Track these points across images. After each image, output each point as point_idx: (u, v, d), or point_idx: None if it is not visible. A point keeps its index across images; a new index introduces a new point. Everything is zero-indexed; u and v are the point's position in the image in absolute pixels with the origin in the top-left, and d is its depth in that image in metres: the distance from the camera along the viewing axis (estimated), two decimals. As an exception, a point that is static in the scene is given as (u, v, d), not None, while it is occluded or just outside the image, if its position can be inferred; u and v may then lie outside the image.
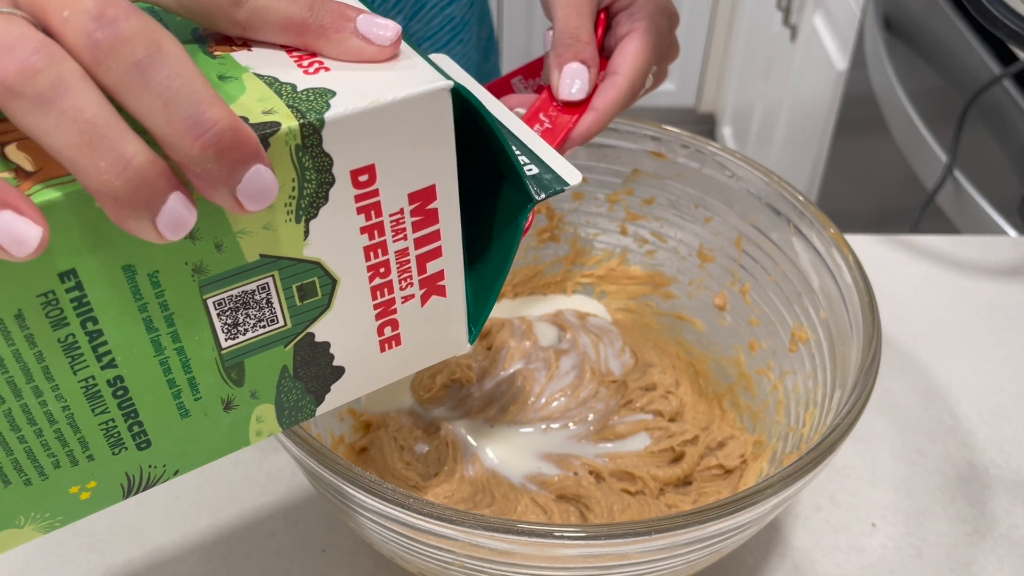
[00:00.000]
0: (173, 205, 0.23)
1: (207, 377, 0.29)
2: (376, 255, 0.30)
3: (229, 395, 0.30)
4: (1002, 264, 0.67)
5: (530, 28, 1.96)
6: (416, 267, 0.31)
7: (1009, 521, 0.50)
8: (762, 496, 0.34)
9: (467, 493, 0.46)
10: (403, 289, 0.31)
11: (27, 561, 0.46)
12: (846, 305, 0.43)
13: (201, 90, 0.23)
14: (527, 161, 0.33)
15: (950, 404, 0.57)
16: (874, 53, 1.22)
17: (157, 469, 0.30)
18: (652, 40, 0.43)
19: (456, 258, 0.32)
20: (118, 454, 0.29)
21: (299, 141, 0.26)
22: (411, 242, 0.30)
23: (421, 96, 0.27)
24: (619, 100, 0.42)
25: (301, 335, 0.30)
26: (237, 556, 0.47)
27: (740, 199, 0.50)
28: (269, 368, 0.30)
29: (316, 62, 0.28)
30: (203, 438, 0.31)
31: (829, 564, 0.48)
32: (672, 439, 0.49)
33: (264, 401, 0.31)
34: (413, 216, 0.30)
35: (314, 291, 0.29)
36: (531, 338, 0.54)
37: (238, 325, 0.29)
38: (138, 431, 0.29)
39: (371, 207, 0.29)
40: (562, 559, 0.35)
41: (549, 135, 0.42)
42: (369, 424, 0.50)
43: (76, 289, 0.25)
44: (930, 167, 1.05)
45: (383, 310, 0.31)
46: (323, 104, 0.26)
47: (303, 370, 0.31)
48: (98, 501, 0.30)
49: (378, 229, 0.29)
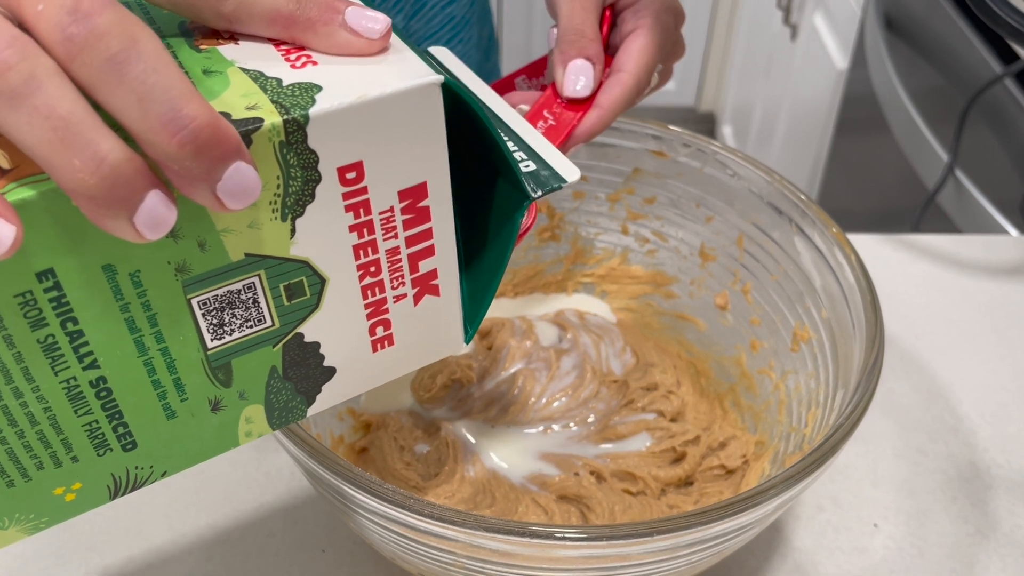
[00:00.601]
0: (151, 203, 0.23)
1: (193, 378, 0.29)
2: (366, 254, 0.29)
3: (216, 396, 0.30)
4: (1004, 263, 0.67)
5: (530, 28, 1.96)
6: (408, 266, 0.31)
7: (1011, 521, 0.50)
8: (764, 497, 0.34)
9: (468, 494, 0.46)
10: (395, 288, 0.31)
11: (25, 561, 0.46)
12: (848, 304, 0.43)
13: (178, 85, 0.22)
14: (525, 158, 0.33)
15: (952, 404, 0.56)
16: (875, 52, 1.22)
17: (144, 470, 0.30)
18: (658, 38, 0.42)
19: (450, 257, 0.31)
20: (103, 455, 0.29)
21: (283, 138, 0.25)
22: (402, 240, 0.30)
23: (410, 91, 0.27)
24: (624, 97, 0.42)
25: (290, 335, 0.30)
26: (236, 556, 0.47)
27: (741, 198, 0.50)
28: (257, 369, 0.30)
29: (304, 56, 0.27)
30: (190, 439, 0.30)
31: (831, 565, 0.47)
32: (673, 439, 0.49)
33: (253, 402, 0.31)
34: (404, 214, 0.29)
35: (302, 291, 0.29)
36: (532, 338, 0.54)
37: (224, 325, 0.28)
38: (123, 432, 0.29)
39: (360, 205, 0.28)
40: (563, 560, 0.34)
41: (553, 132, 0.41)
42: (369, 424, 0.50)
43: (54, 289, 0.25)
44: (931, 166, 1.05)
45: (374, 310, 0.31)
46: (308, 99, 0.26)
47: (293, 370, 0.31)
48: (84, 502, 0.30)
49: (368, 227, 0.29)
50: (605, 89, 0.42)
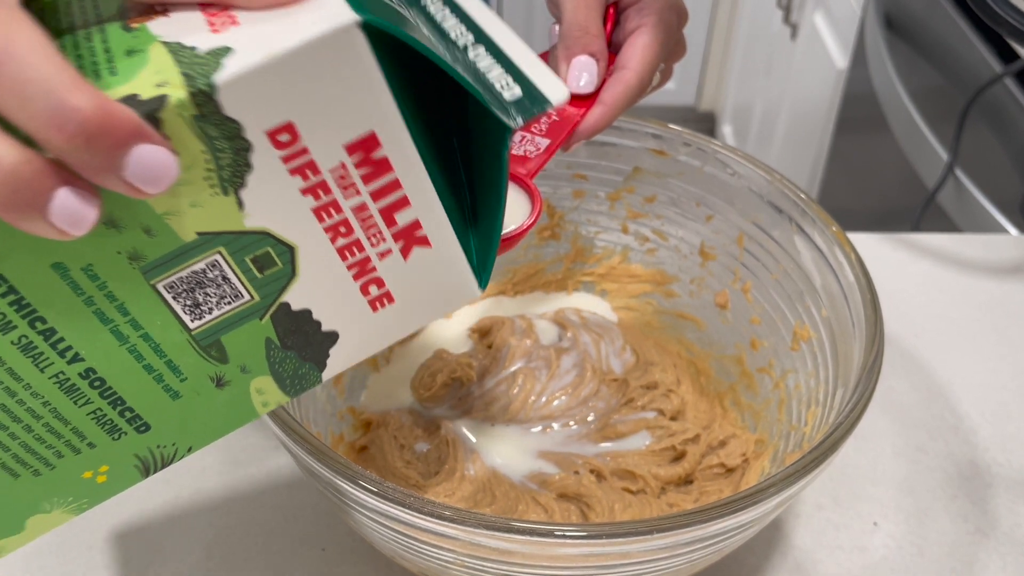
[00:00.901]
0: (62, 201, 0.22)
1: (186, 359, 0.29)
2: (329, 215, 0.28)
3: (217, 373, 0.29)
4: (1004, 262, 0.67)
5: (530, 27, 1.96)
6: (383, 221, 0.29)
7: (1011, 520, 0.50)
8: (764, 495, 0.34)
9: (468, 492, 0.46)
10: (375, 246, 0.29)
11: (27, 560, 0.46)
12: (848, 303, 0.43)
13: (58, 79, 0.21)
14: (510, 82, 0.29)
15: (952, 402, 0.56)
16: (875, 51, 1.22)
17: (168, 448, 0.30)
18: (661, 36, 0.42)
19: (429, 205, 0.29)
20: (119, 439, 0.29)
21: (195, 111, 0.24)
22: (367, 196, 0.28)
23: (322, 39, 0.24)
24: (627, 95, 0.42)
25: (274, 306, 0.29)
26: (236, 555, 0.47)
27: (742, 197, 0.50)
28: (250, 342, 0.29)
29: (227, 18, 0.25)
30: (204, 415, 0.30)
31: (831, 563, 0.47)
32: (673, 438, 0.49)
33: (258, 374, 0.30)
34: (359, 168, 0.27)
35: (272, 261, 0.28)
36: (532, 336, 0.54)
37: (200, 305, 0.28)
38: (131, 416, 0.29)
39: (304, 167, 0.26)
40: (563, 558, 0.34)
41: (556, 128, 0.41)
42: (369, 423, 0.50)
43: (10, 293, 0.25)
44: (931, 166, 1.05)
45: (360, 270, 0.29)
46: (216, 65, 0.24)
47: (290, 339, 0.30)
48: (117, 482, 0.30)
49: (322, 188, 0.27)
50: (609, 86, 0.42)
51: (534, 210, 0.40)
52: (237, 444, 0.52)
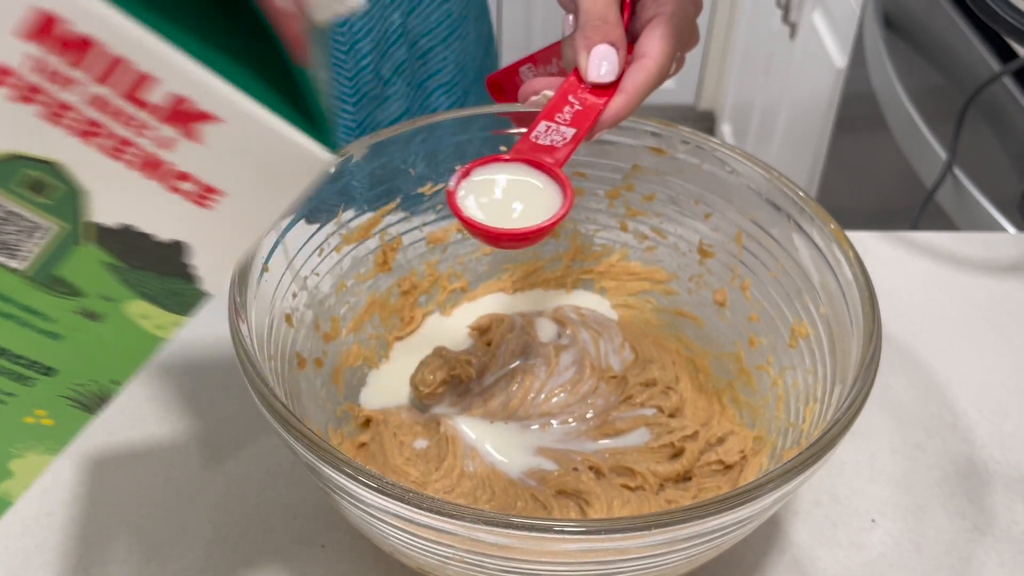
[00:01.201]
0: None
1: (37, 300, 0.28)
2: (59, 116, 0.25)
3: (81, 307, 0.28)
4: (1002, 261, 0.67)
5: (529, 26, 1.96)
6: (131, 106, 0.25)
7: (1009, 517, 0.50)
8: (762, 491, 0.34)
9: (467, 488, 0.46)
10: (143, 136, 0.26)
11: (27, 558, 0.46)
12: (846, 301, 0.43)
13: None
14: None
15: (949, 400, 0.57)
16: (874, 51, 1.22)
17: (90, 385, 0.30)
18: (678, 24, 0.42)
19: (188, 75, 0.25)
20: (33, 385, 0.29)
21: None
22: (89, 84, 0.24)
23: None
24: (648, 82, 0.42)
25: (85, 228, 0.27)
26: (236, 552, 0.47)
27: (740, 195, 0.50)
28: (91, 270, 0.28)
29: None
30: (101, 349, 0.29)
31: (829, 560, 0.48)
32: (672, 435, 0.49)
33: (125, 299, 0.29)
34: (54, 55, 0.24)
35: (42, 183, 0.26)
36: (531, 334, 0.54)
37: (8, 246, 0.27)
38: (28, 363, 0.29)
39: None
40: (561, 554, 0.35)
41: (580, 117, 0.41)
42: (369, 420, 0.50)
43: None
44: (930, 165, 1.05)
45: (149, 168, 0.26)
46: None
47: (134, 259, 0.28)
48: (68, 422, 0.31)
49: (27, 89, 0.24)
50: (629, 74, 0.42)
51: (566, 200, 0.40)
52: (237, 443, 0.52)
